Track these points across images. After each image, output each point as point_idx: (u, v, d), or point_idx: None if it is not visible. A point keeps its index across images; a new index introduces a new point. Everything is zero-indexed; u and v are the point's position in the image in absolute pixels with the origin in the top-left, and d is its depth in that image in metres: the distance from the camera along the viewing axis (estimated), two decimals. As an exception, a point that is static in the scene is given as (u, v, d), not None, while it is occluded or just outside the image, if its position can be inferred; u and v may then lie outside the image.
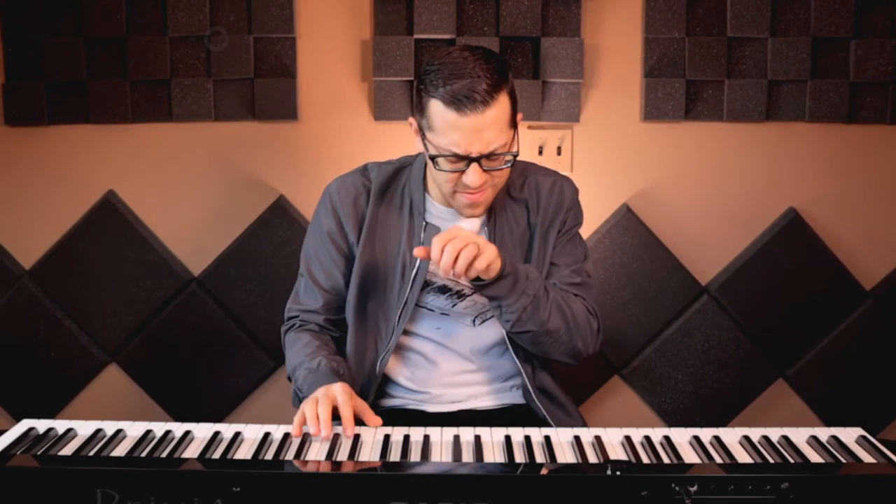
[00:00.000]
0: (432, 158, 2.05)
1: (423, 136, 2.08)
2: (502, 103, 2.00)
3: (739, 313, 3.16)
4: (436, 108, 1.99)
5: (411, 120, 2.13)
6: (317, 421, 1.91)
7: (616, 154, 3.12)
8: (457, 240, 1.94)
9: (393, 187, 2.29)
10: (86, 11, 3.02)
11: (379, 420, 2.01)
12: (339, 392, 1.99)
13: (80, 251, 3.15)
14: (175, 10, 3.01)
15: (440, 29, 3.00)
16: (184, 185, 3.13)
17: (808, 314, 3.17)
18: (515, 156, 2.09)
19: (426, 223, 2.23)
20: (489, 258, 1.97)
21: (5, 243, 3.16)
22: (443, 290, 2.26)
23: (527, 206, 2.28)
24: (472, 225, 2.26)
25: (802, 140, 3.11)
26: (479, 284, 2.04)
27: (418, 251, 2.00)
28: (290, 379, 2.28)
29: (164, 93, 3.07)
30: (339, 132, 3.10)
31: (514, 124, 2.07)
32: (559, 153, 3.09)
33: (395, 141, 3.05)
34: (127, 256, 3.14)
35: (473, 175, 2.03)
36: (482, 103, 1.96)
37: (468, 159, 2.02)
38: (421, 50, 3.03)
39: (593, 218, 3.12)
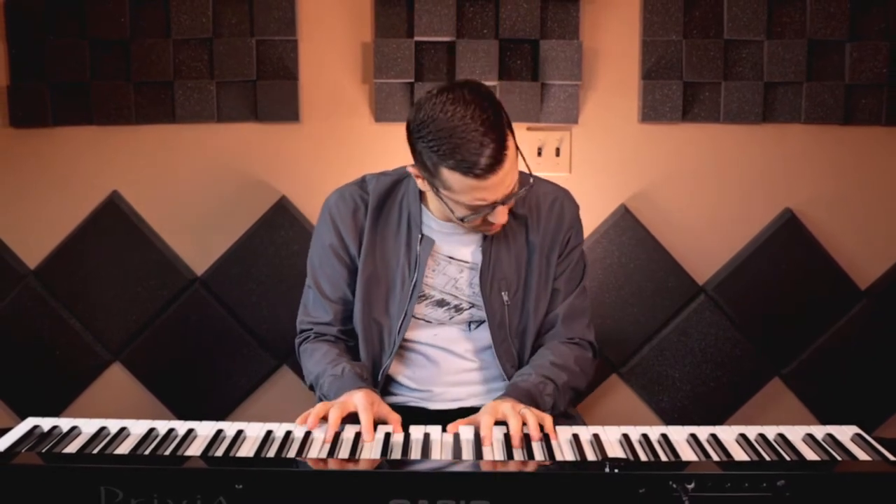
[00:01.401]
0: (461, 219, 2.08)
1: (438, 192, 2.07)
2: (510, 148, 2.00)
3: (736, 313, 3.17)
4: (452, 176, 1.98)
5: (412, 168, 2.12)
6: (315, 421, 1.93)
7: (614, 155, 3.13)
8: (514, 419, 1.93)
9: (391, 201, 2.30)
10: (90, 14, 3.02)
11: (401, 430, 2.01)
12: (360, 400, 1.99)
13: (84, 251, 3.16)
14: (178, 12, 3.02)
15: (440, 31, 3.01)
16: (187, 186, 3.14)
17: (804, 313, 3.18)
18: (532, 184, 2.13)
19: (422, 236, 2.24)
20: (546, 418, 1.98)
21: (10, 243, 3.17)
22: (440, 303, 2.29)
23: (526, 223, 2.29)
24: (469, 241, 2.28)
25: (798, 141, 3.12)
26: None
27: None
28: (311, 388, 2.31)
29: (167, 94, 3.07)
30: (340, 133, 3.12)
31: (517, 150, 2.07)
32: (558, 154, 3.10)
33: (396, 142, 3.01)
34: (131, 256, 3.15)
35: (501, 215, 2.08)
36: (498, 163, 1.96)
37: (493, 205, 2.04)
38: (421, 52, 3.05)
39: (592, 219, 3.13)
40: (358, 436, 1.93)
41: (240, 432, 1.93)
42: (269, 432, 1.93)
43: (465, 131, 1.94)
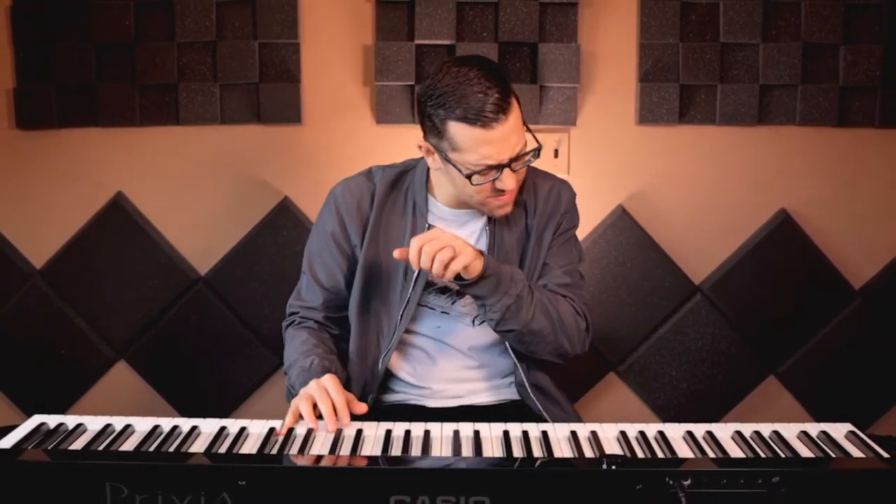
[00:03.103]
0: (468, 177, 2.08)
1: (446, 158, 2.10)
2: (515, 106, 2.06)
3: (732, 312, 3.19)
4: (458, 129, 2.03)
5: (422, 143, 2.16)
6: (314, 419, 1.95)
7: (612, 156, 3.15)
8: (434, 241, 1.99)
9: (397, 190, 2.32)
10: (95, 17, 3.04)
11: (364, 407, 2.05)
12: (329, 382, 2.03)
13: (89, 251, 3.17)
14: (182, 16, 3.04)
15: (441, 35, 3.03)
16: (190, 187, 3.16)
17: (799, 312, 3.19)
18: (539, 149, 2.14)
19: (429, 224, 2.27)
20: (466, 260, 2.02)
21: (17, 243, 3.18)
22: (443, 290, 2.31)
23: (525, 208, 2.32)
24: (474, 226, 2.30)
25: (793, 143, 3.13)
26: (462, 283, 2.09)
27: (397, 252, 2.06)
28: (286, 374, 2.31)
29: (171, 97, 3.09)
30: (341, 135, 3.13)
31: (524, 121, 2.12)
32: (556, 156, 3.12)
33: (397, 143, 3.07)
34: (135, 256, 3.16)
35: (509, 179, 2.09)
36: (502, 112, 2.01)
37: (500, 167, 2.06)
38: (422, 55, 3.06)
39: (589, 219, 3.14)
40: (359, 433, 1.93)
41: (243, 429, 1.94)
42: (271, 429, 1.94)
43: (470, 83, 2.03)
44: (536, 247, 2.32)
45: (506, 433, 1.93)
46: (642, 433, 1.93)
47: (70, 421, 1.98)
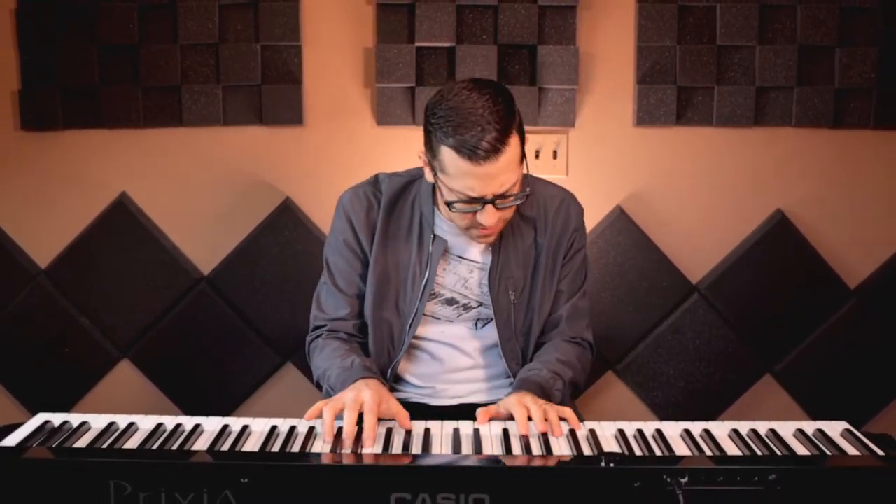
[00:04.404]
0: (448, 204, 2.08)
1: (436, 176, 2.10)
2: (512, 146, 2.02)
3: (729, 311, 3.20)
4: (448, 155, 2.01)
5: (421, 154, 2.14)
6: (330, 431, 1.92)
7: (610, 158, 3.16)
8: (540, 410, 1.97)
9: (403, 200, 2.32)
10: (99, 20, 3.05)
11: (410, 424, 2.01)
12: (369, 399, 1.96)
13: (93, 251, 3.18)
14: (185, 18, 3.05)
15: (440, 37, 3.05)
16: (194, 188, 3.17)
17: (795, 312, 3.20)
18: (527, 195, 2.12)
19: (434, 236, 2.27)
20: (566, 409, 2.03)
21: (22, 243, 3.20)
22: (450, 301, 2.32)
23: (534, 225, 2.32)
24: (479, 242, 2.29)
25: (789, 144, 3.14)
26: None
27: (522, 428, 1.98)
28: (318, 386, 2.31)
29: (174, 98, 3.10)
30: (342, 136, 3.14)
31: (522, 157, 2.09)
32: (555, 157, 3.13)
33: (397, 145, 3.09)
34: (139, 256, 3.18)
35: (489, 216, 2.07)
36: (494, 152, 1.98)
37: (483, 201, 2.05)
38: (422, 57, 3.07)
39: (588, 220, 3.00)
40: (360, 431, 1.93)
41: (245, 428, 1.95)
42: (273, 427, 1.96)
43: (472, 114, 1.98)
44: (549, 267, 2.32)
45: (505, 431, 1.94)
46: (640, 431, 1.94)
47: (74, 419, 1.99)
